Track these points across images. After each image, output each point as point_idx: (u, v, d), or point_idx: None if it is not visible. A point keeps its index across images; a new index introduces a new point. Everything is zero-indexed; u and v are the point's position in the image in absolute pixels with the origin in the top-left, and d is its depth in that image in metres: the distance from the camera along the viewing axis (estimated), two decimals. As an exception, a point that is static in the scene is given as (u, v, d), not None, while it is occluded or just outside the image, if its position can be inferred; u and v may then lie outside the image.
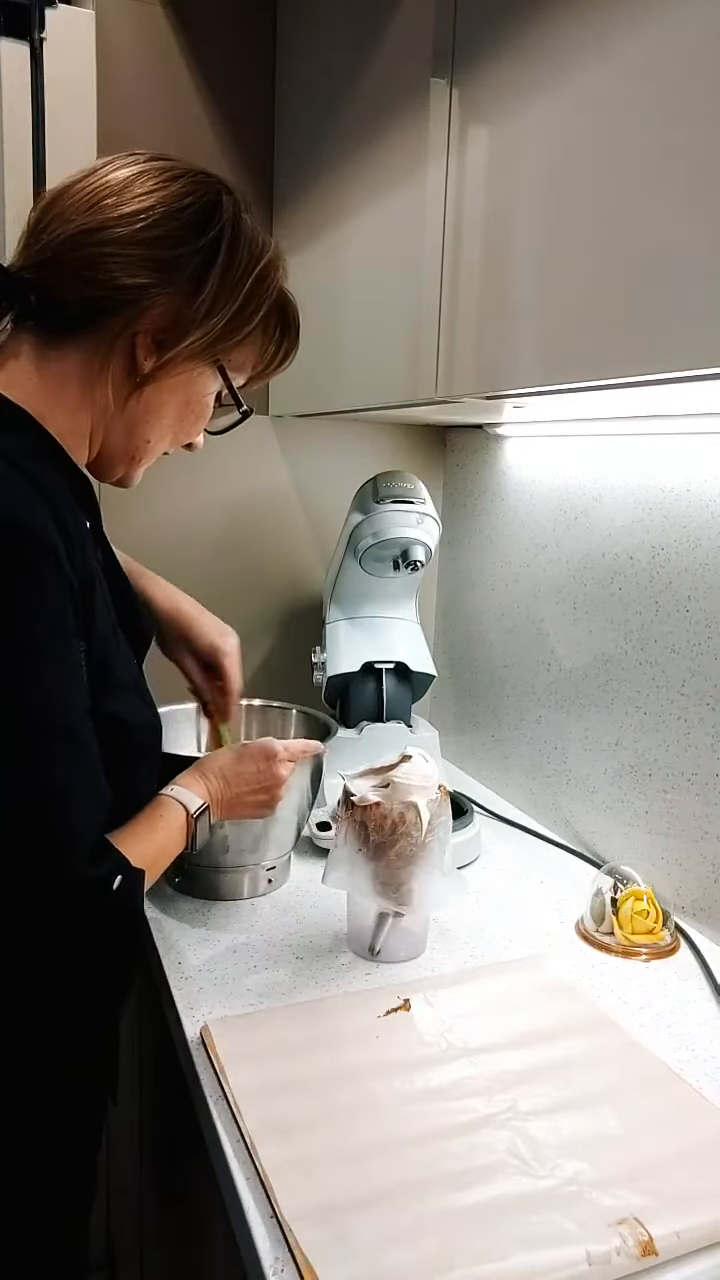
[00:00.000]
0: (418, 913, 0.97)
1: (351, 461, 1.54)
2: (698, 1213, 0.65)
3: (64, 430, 0.76)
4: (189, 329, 0.74)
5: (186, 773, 0.89)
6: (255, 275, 0.76)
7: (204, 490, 1.51)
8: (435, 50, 0.94)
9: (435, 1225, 0.64)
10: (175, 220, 0.73)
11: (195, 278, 0.73)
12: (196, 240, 0.73)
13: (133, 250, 0.71)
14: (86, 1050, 0.83)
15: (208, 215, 0.74)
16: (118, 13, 1.33)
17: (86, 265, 0.71)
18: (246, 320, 0.77)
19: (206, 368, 0.79)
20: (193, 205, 0.74)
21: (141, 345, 0.74)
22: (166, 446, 0.84)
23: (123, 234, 0.71)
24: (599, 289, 0.72)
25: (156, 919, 1.06)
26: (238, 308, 0.75)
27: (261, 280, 0.77)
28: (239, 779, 0.90)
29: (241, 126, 1.43)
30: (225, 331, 0.76)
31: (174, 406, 0.80)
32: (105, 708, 0.75)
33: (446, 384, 0.95)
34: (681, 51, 0.64)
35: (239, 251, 0.75)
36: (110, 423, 0.78)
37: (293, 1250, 0.62)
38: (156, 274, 0.72)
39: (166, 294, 0.73)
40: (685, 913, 1.09)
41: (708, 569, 1.05)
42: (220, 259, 0.74)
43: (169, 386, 0.78)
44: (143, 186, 0.73)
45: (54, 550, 0.67)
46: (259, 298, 0.77)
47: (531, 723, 1.40)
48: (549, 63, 0.77)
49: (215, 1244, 0.83)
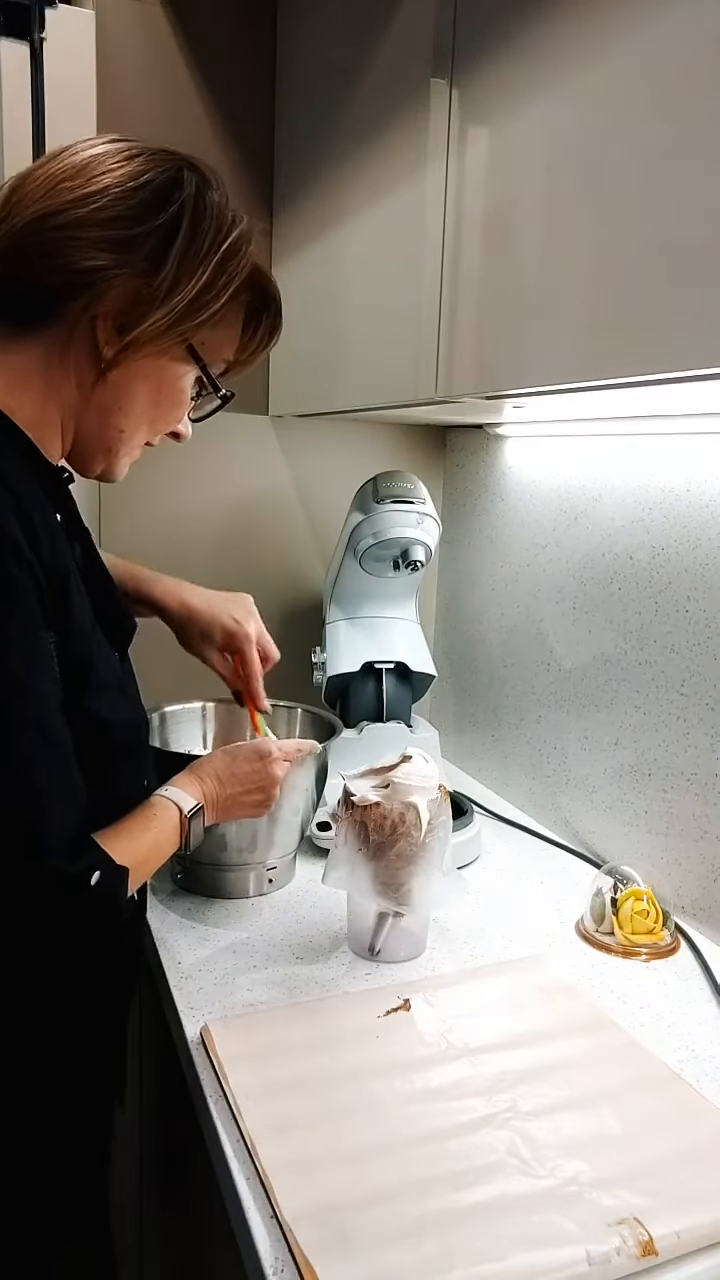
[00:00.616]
0: (418, 913, 0.97)
1: (351, 461, 1.54)
2: (698, 1213, 0.65)
3: (32, 423, 0.74)
4: (150, 309, 0.71)
5: (181, 774, 0.89)
6: (223, 251, 0.73)
7: (204, 490, 1.51)
8: (435, 50, 0.94)
9: (435, 1225, 0.64)
10: (131, 199, 0.70)
11: (154, 256, 0.71)
12: (155, 218, 0.70)
13: (89, 232, 0.69)
14: (88, 1050, 0.84)
15: (166, 193, 0.71)
16: (118, 13, 1.33)
17: (43, 251, 0.70)
18: (214, 298, 0.73)
19: (177, 351, 0.76)
20: (150, 183, 0.71)
21: (102, 329, 0.72)
22: (146, 436, 0.81)
23: (78, 216, 0.69)
24: (599, 289, 0.72)
25: (157, 918, 1.06)
26: (203, 285, 0.72)
27: (230, 257, 0.73)
28: (233, 779, 0.90)
29: (241, 126, 1.43)
30: (190, 310, 0.72)
31: (145, 394, 0.77)
32: (85, 705, 0.74)
33: (446, 384, 0.95)
34: (681, 51, 0.64)
35: (202, 227, 0.72)
36: (80, 413, 0.76)
37: (293, 1250, 0.62)
38: (113, 254, 0.70)
39: (124, 275, 0.70)
40: (685, 913, 1.09)
41: (708, 569, 1.05)
42: (181, 236, 0.71)
43: (139, 373, 0.75)
44: (100, 168, 0.70)
45: (14, 542, 0.66)
46: (227, 275, 0.73)
47: (531, 723, 1.40)
48: (549, 63, 0.77)
49: (215, 1244, 0.83)
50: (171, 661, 1.09)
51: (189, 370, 0.78)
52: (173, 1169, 1.08)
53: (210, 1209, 0.82)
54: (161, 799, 0.84)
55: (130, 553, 1.13)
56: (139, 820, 0.81)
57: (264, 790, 0.92)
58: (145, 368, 0.75)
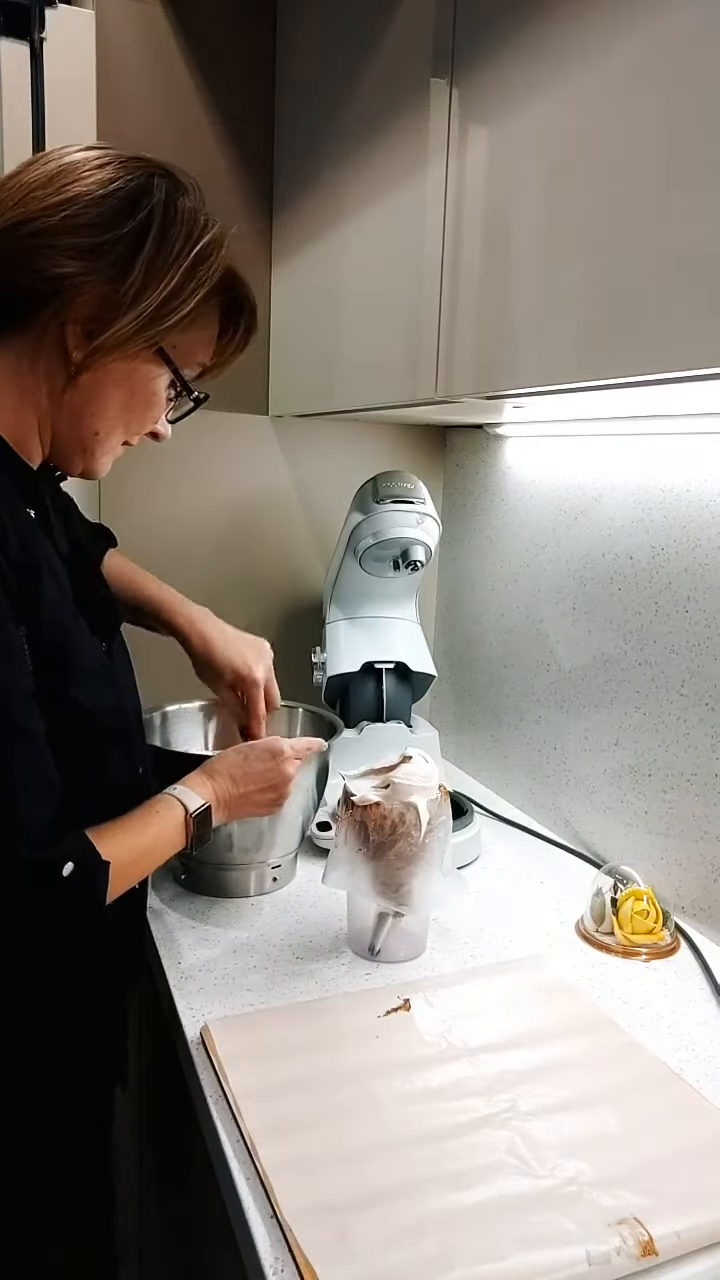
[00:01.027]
0: (418, 913, 0.97)
1: (351, 461, 1.54)
2: (698, 1213, 0.65)
3: (9, 427, 0.76)
4: (117, 314, 0.72)
5: (194, 773, 0.90)
6: (193, 256, 0.74)
7: (204, 490, 1.51)
8: (435, 50, 0.94)
9: (435, 1225, 0.64)
10: (99, 207, 0.71)
11: (122, 262, 0.72)
12: (122, 225, 0.71)
13: (58, 240, 0.70)
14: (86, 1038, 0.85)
15: (135, 200, 0.72)
16: (118, 13, 1.33)
17: (14, 259, 0.71)
18: (183, 303, 0.74)
19: (147, 355, 0.77)
20: (119, 191, 0.72)
21: (71, 334, 0.73)
22: (123, 437, 0.82)
23: (48, 225, 0.70)
24: (599, 289, 0.72)
25: (157, 918, 1.06)
26: (171, 290, 0.73)
27: (200, 261, 0.74)
28: (247, 778, 0.91)
29: (241, 126, 1.42)
30: (158, 315, 0.73)
31: (118, 397, 0.78)
32: (67, 694, 0.75)
33: (446, 384, 0.95)
34: (681, 51, 0.64)
35: (171, 233, 0.73)
36: (55, 416, 0.78)
37: (293, 1250, 0.62)
38: (81, 261, 0.71)
39: (92, 281, 0.71)
40: (685, 913, 1.09)
41: (708, 569, 1.05)
42: (149, 242, 0.72)
43: (110, 377, 0.76)
44: (70, 177, 0.72)
45: None
46: (196, 279, 0.74)
47: (531, 723, 1.40)
48: (549, 63, 0.77)
49: (215, 1244, 0.83)
50: (172, 661, 1.10)
51: (161, 373, 0.79)
52: (173, 1169, 1.08)
53: (210, 1209, 0.82)
54: (168, 797, 0.85)
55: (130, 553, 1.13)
56: (140, 816, 0.82)
57: (276, 789, 0.93)
58: (116, 371, 0.76)
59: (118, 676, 0.85)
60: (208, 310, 0.79)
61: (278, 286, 1.47)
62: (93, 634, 0.82)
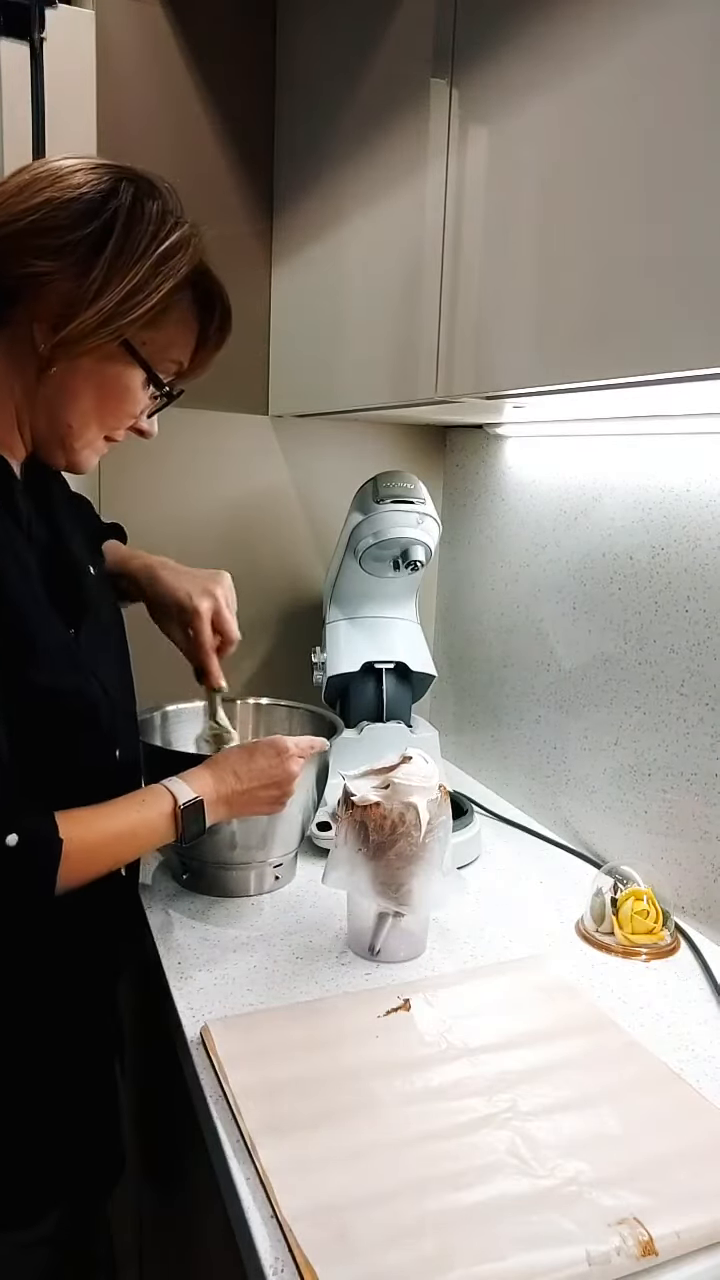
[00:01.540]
0: (418, 913, 0.97)
1: (351, 461, 1.54)
2: (698, 1213, 0.65)
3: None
4: (79, 309, 0.75)
5: (198, 767, 0.91)
6: (157, 255, 0.77)
7: (204, 490, 1.51)
8: (435, 50, 0.94)
9: (435, 1225, 0.64)
10: (66, 210, 0.75)
11: (85, 260, 0.75)
12: (86, 226, 0.75)
13: (26, 242, 0.75)
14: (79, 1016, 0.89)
15: (100, 202, 0.76)
16: (118, 13, 1.33)
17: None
18: (146, 299, 0.77)
19: (115, 351, 0.80)
20: (86, 195, 0.76)
21: (39, 330, 0.77)
22: (100, 432, 0.84)
23: (18, 229, 0.75)
24: (599, 289, 0.72)
25: (157, 918, 1.06)
26: (134, 286, 0.76)
27: (165, 259, 0.77)
28: (251, 775, 0.92)
29: (241, 126, 1.43)
30: (120, 310, 0.76)
31: (89, 392, 0.81)
32: (24, 674, 0.77)
33: (446, 384, 0.95)
34: (681, 51, 0.64)
35: (135, 232, 0.76)
36: (32, 410, 0.81)
37: (293, 1250, 0.62)
38: (47, 261, 0.75)
39: (57, 279, 0.75)
40: (685, 913, 1.09)
41: (708, 569, 1.05)
42: (112, 241, 0.75)
43: (81, 373, 0.79)
44: (41, 184, 0.76)
45: None
46: (160, 276, 0.77)
47: (531, 723, 1.40)
48: (549, 63, 0.77)
49: (215, 1244, 0.83)
50: (172, 662, 1.10)
51: (133, 370, 0.82)
52: (173, 1169, 1.08)
53: (210, 1209, 0.82)
54: (159, 787, 0.87)
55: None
56: (123, 802, 0.84)
57: (280, 786, 0.94)
58: (86, 367, 0.79)
59: (84, 661, 0.85)
60: (178, 308, 0.82)
61: (278, 286, 1.47)
62: (62, 620, 0.84)
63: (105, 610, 0.95)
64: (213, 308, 0.86)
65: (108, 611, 0.96)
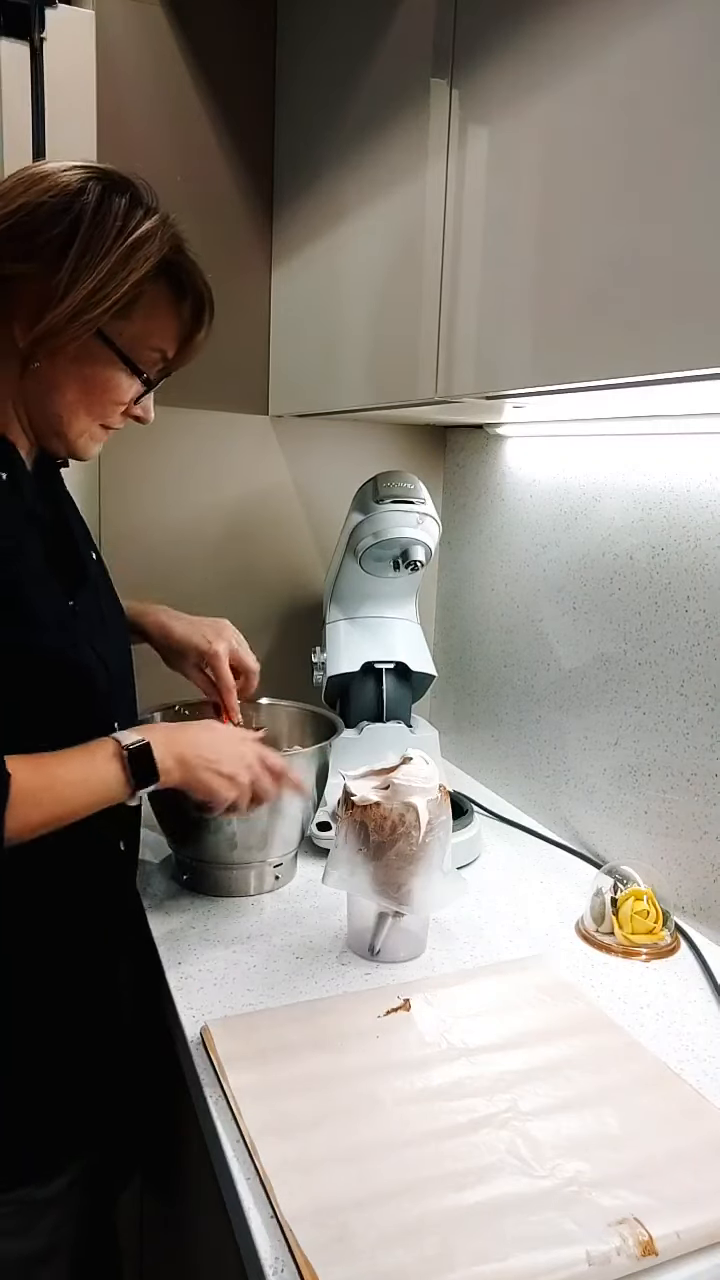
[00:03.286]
0: (418, 913, 0.97)
1: (351, 461, 1.54)
2: (698, 1213, 0.65)
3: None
4: (50, 306, 0.78)
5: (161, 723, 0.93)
6: (125, 246, 0.79)
7: (204, 490, 1.51)
8: (435, 50, 0.94)
9: (435, 1225, 0.64)
10: (37, 213, 0.79)
11: (54, 260, 0.78)
12: (54, 227, 0.79)
13: (2, 247, 0.79)
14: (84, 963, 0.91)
15: (68, 202, 0.79)
16: (118, 13, 1.33)
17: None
18: (114, 289, 0.79)
19: (92, 344, 0.82)
20: (56, 196, 0.79)
21: (18, 330, 0.80)
22: (92, 420, 0.86)
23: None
24: (599, 288, 0.72)
25: (157, 918, 1.06)
26: (101, 279, 0.79)
27: (133, 250, 0.80)
28: (213, 745, 0.89)
29: (241, 126, 1.42)
30: (89, 304, 0.79)
31: (73, 385, 0.84)
32: (19, 639, 0.79)
33: (446, 384, 0.95)
34: (681, 51, 0.64)
35: (102, 228, 0.79)
36: (26, 405, 0.85)
37: (293, 1250, 0.62)
38: (20, 263, 0.79)
39: (29, 280, 0.79)
40: (685, 913, 1.09)
41: (708, 569, 1.05)
42: (79, 238, 0.78)
43: (62, 366, 0.82)
44: (17, 190, 0.80)
45: None
46: (129, 266, 0.80)
47: (531, 723, 1.40)
48: (549, 63, 0.77)
49: (215, 1244, 0.83)
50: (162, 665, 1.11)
51: (113, 360, 0.84)
52: (173, 1169, 1.08)
53: (210, 1209, 0.82)
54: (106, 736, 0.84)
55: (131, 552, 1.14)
56: (72, 749, 0.81)
57: (234, 777, 0.89)
58: (66, 361, 0.82)
59: (81, 630, 0.87)
60: (151, 297, 0.84)
61: (278, 286, 1.47)
62: (61, 589, 0.87)
63: (105, 591, 0.98)
64: (184, 293, 0.86)
65: (107, 592, 0.98)
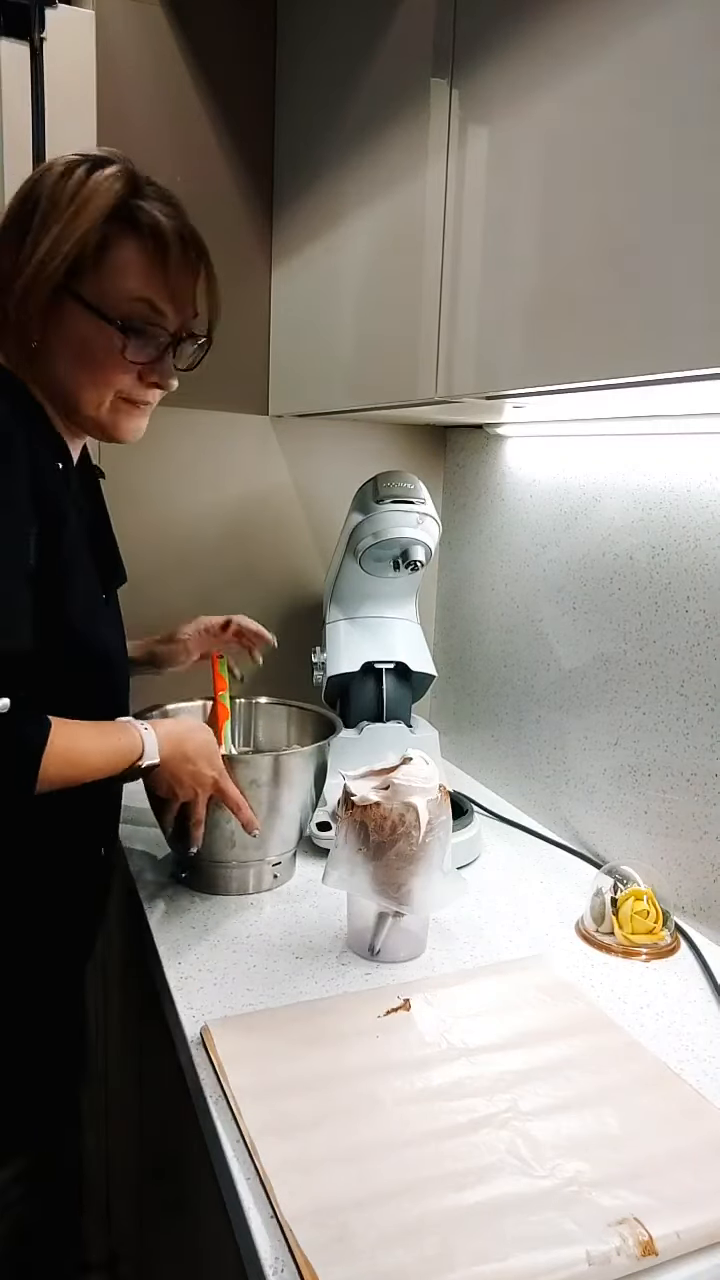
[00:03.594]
0: (418, 913, 0.97)
1: (351, 461, 1.54)
2: (698, 1213, 0.65)
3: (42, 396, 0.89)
4: (19, 275, 0.82)
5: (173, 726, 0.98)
6: (74, 206, 0.82)
7: (204, 490, 1.51)
8: (435, 50, 0.94)
9: (435, 1225, 0.64)
10: (16, 200, 0.85)
11: (19, 240, 0.83)
12: (23, 207, 0.84)
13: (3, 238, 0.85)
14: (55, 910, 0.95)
15: (29, 190, 0.84)
16: (118, 13, 1.33)
17: None
18: (63, 242, 0.82)
19: (68, 304, 0.84)
20: (21, 191, 0.85)
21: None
22: (102, 392, 0.87)
23: None
24: (598, 288, 0.72)
25: (157, 918, 1.06)
26: (56, 237, 0.82)
27: (86, 201, 0.82)
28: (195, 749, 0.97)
29: (241, 126, 1.43)
30: (48, 260, 0.81)
31: (66, 350, 0.85)
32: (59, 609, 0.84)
33: (446, 384, 0.95)
34: (681, 51, 0.64)
35: (59, 200, 0.82)
36: (45, 390, 0.88)
37: (293, 1250, 0.62)
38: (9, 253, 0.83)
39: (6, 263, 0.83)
40: (685, 913, 1.09)
41: (708, 569, 1.05)
42: (38, 214, 0.82)
43: (57, 340, 0.85)
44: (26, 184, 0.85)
45: (8, 435, 0.79)
46: (76, 221, 0.82)
47: (531, 723, 1.40)
48: (549, 63, 0.77)
49: (215, 1244, 0.83)
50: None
51: (100, 325, 0.84)
52: (172, 1169, 1.08)
53: (210, 1209, 0.82)
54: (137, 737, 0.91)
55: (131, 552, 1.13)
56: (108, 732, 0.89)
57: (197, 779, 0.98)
58: (57, 331, 0.85)
59: (110, 620, 0.96)
60: (116, 242, 0.84)
61: (278, 286, 1.47)
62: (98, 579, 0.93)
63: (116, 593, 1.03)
64: (139, 228, 0.85)
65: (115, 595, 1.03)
